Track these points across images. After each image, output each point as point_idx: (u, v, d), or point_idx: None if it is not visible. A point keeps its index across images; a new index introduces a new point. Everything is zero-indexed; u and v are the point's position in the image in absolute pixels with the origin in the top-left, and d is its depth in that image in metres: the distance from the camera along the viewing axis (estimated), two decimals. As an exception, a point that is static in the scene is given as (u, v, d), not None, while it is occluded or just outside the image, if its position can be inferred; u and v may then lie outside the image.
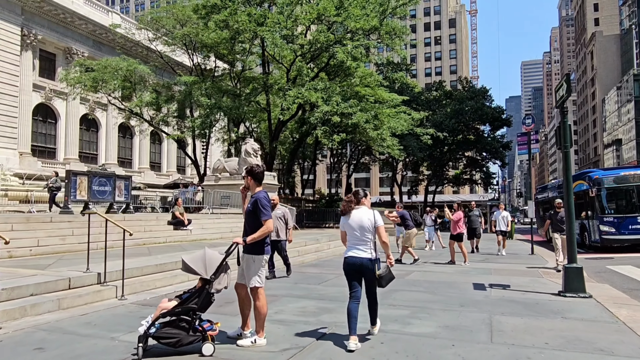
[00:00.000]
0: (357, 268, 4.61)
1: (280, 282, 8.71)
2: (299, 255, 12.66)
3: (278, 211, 9.04)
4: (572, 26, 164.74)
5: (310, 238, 15.44)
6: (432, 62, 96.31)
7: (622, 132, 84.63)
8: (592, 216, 16.38)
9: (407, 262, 12.42)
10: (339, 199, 26.66)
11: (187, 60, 31.93)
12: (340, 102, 21.65)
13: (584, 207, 17.53)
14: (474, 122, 45.28)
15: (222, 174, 21.34)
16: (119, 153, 43.58)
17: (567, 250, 7.51)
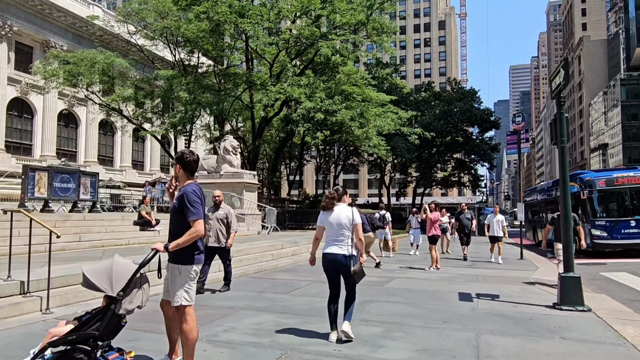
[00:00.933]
0: (335, 264, 4.72)
1: (245, 290, 7.78)
2: (273, 259, 11.74)
3: (220, 211, 7.74)
4: (559, 31, 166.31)
5: (288, 240, 14.53)
6: (421, 63, 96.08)
7: (608, 137, 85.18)
8: (584, 220, 15.66)
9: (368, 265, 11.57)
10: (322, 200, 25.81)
11: (169, 55, 30.86)
12: (324, 99, 20.77)
13: (574, 210, 16.79)
14: (462, 123, 44.78)
15: (199, 172, 20.29)
16: (100, 150, 42.28)
17: (564, 257, 6.71)
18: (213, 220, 7.57)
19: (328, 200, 4.90)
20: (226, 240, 7.68)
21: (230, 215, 7.80)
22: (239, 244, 12.92)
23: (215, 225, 7.58)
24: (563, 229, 6.71)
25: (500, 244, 13.50)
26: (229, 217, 7.76)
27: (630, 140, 76.24)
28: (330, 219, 4.78)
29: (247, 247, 11.86)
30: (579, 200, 15.84)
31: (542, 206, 21.63)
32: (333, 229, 4.76)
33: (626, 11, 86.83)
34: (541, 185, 23.69)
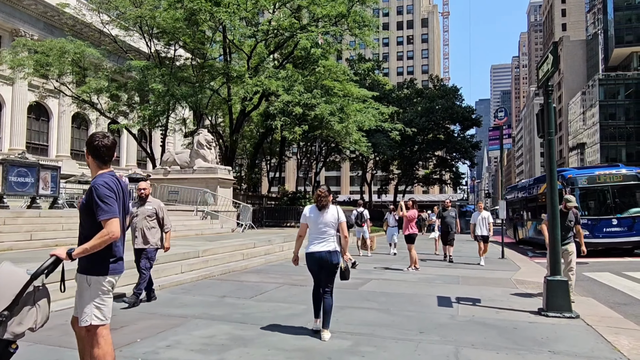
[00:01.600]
0: (319, 262, 4.79)
1: (205, 295, 7.07)
2: (243, 259, 11.04)
3: (147, 206, 6.49)
4: (540, 31, 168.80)
5: (262, 239, 13.83)
6: (404, 61, 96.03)
7: (586, 136, 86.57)
8: None
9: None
10: (302, 197, 25.13)
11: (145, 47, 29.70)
12: (303, 92, 20.06)
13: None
14: (444, 121, 44.67)
15: (172, 167, 19.44)
16: (73, 145, 40.80)
17: (550, 260, 6.20)
18: (138, 217, 6.43)
19: (323, 198, 4.90)
20: (160, 241, 6.53)
21: (160, 211, 6.56)
22: (209, 242, 12.19)
23: (141, 223, 6.39)
24: (550, 228, 6.20)
25: (486, 244, 12.38)
26: (158, 212, 6.53)
27: (608, 140, 77.55)
28: (319, 217, 4.85)
29: (216, 246, 11.14)
30: (561, 198, 15.54)
31: (523, 204, 21.39)
32: (318, 227, 4.82)
33: (604, 12, 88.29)
34: (522, 182, 23.45)
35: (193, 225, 16.01)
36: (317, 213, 4.90)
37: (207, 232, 16.15)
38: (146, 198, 6.57)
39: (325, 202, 4.92)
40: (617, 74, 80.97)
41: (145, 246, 6.35)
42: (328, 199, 4.94)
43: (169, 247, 6.69)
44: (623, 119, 78.35)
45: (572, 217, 7.38)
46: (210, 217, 17.93)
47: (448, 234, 12.83)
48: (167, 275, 8.18)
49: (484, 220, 12.37)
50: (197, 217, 17.61)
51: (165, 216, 6.62)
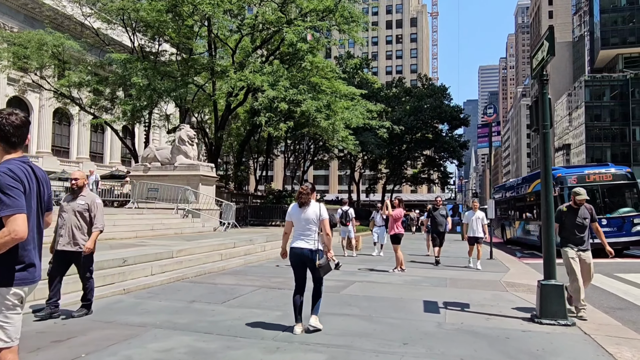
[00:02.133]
0: (301, 258, 4.87)
1: (173, 300, 6.52)
2: (221, 259, 10.49)
3: (79, 201, 5.51)
4: (527, 33, 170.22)
5: (243, 238, 13.28)
6: (393, 60, 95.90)
7: (571, 137, 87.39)
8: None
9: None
10: (287, 195, 24.58)
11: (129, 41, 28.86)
12: (288, 88, 19.51)
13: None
14: (432, 120, 44.47)
15: (152, 164, 18.75)
16: (54, 141, 39.77)
17: (545, 263, 5.77)
18: (68, 213, 5.47)
19: (305, 195, 4.96)
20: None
21: (94, 207, 5.56)
22: (187, 242, 11.62)
23: (71, 221, 5.40)
24: (544, 227, 5.77)
25: (480, 246, 11.36)
26: (91, 209, 5.53)
27: (593, 141, 78.28)
28: (300, 214, 4.93)
29: (193, 246, 10.56)
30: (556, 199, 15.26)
31: (511, 204, 21.13)
32: (301, 224, 4.91)
33: (591, 14, 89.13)
34: (510, 182, 23.20)
35: (172, 224, 15.39)
36: (299, 210, 4.97)
37: (187, 231, 15.54)
38: (79, 191, 5.58)
39: (306, 200, 4.96)
40: (603, 75, 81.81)
41: (73, 248, 5.36)
42: (309, 197, 4.98)
43: (91, 249, 5.46)
44: (608, 120, 79.15)
45: (586, 213, 6.20)
46: (192, 216, 17.31)
47: (439, 234, 11.90)
48: (135, 277, 7.60)
49: (478, 220, 11.38)
50: (177, 215, 16.98)
51: (98, 214, 5.58)
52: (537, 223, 17.17)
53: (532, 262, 13.75)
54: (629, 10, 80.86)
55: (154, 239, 12.54)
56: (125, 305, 6.04)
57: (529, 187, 18.25)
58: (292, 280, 5.09)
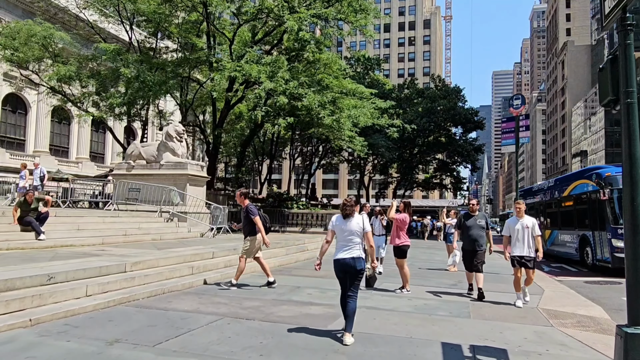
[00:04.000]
0: (344, 268, 4.98)
1: (86, 338, 4.67)
2: (191, 273, 8.65)
3: None
4: (543, 37, 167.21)
5: (228, 247, 11.43)
6: (405, 63, 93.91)
7: (590, 142, 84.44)
8: (601, 227, 12.71)
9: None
10: (288, 198, 22.75)
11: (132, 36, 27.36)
12: (288, 80, 17.70)
13: (587, 215, 13.99)
14: (445, 122, 42.39)
15: (137, 162, 17.06)
16: (53, 140, 38.52)
17: (630, 300, 3.80)
18: None
19: (348, 207, 5.12)
20: None
21: None
22: (158, 250, 9.81)
23: None
24: (629, 245, 3.81)
25: (532, 273, 7.54)
26: None
27: (613, 147, 75.28)
28: (344, 225, 5.08)
29: (159, 256, 8.74)
30: (596, 203, 13.10)
31: (540, 209, 18.84)
32: (344, 235, 5.06)
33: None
34: (539, 185, 20.89)
35: (152, 229, 13.63)
36: (343, 221, 5.10)
37: (169, 236, 13.77)
38: None
39: (350, 211, 5.10)
40: (624, 79, 78.87)
41: None
42: (353, 208, 5.13)
43: None
44: (629, 126, 76.23)
45: None
46: (178, 220, 15.57)
47: (474, 255, 8.06)
48: (59, 301, 5.77)
49: (526, 231, 7.41)
50: (161, 219, 15.25)
51: None
52: (575, 233, 15.01)
53: (567, 280, 11.70)
54: (652, 11, 77.95)
55: (123, 246, 10.76)
56: (6, 351, 4.20)
57: (566, 190, 15.98)
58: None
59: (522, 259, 7.45)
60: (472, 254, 8.13)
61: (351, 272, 4.92)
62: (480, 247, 8.11)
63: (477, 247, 8.11)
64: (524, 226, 7.49)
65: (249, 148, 39.51)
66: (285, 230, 20.57)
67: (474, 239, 8.12)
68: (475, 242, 8.10)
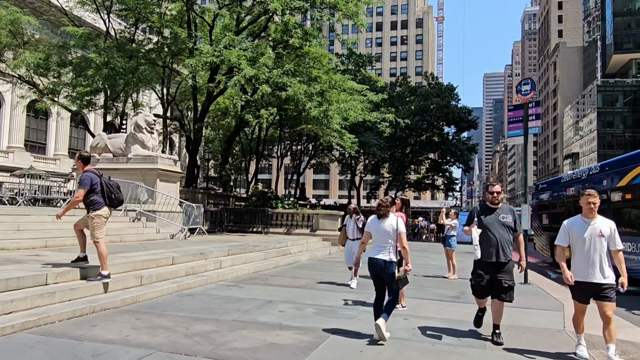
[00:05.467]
0: (377, 269, 5.01)
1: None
2: (140, 284, 7.07)
3: None
4: (534, 40, 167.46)
5: (194, 251, 9.86)
6: (397, 62, 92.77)
7: (582, 143, 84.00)
8: None
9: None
10: (273, 197, 21.22)
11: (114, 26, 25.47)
12: (272, 68, 16.17)
13: None
14: (438, 121, 41.19)
15: (102, 155, 15.40)
16: (29, 135, 36.62)
17: None
18: None
19: (383, 208, 5.10)
20: None
21: None
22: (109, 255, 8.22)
23: None
24: None
25: (611, 308, 4.51)
26: None
27: (605, 148, 74.78)
28: (379, 226, 5.07)
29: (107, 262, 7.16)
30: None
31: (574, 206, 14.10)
32: (379, 235, 5.06)
33: (603, 19, 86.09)
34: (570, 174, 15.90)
35: (112, 230, 11.99)
36: (377, 222, 5.11)
37: (131, 238, 12.15)
38: None
39: (385, 212, 5.09)
40: (616, 80, 78.57)
41: None
42: (388, 209, 5.12)
43: None
44: (621, 127, 75.74)
45: None
46: (146, 219, 13.95)
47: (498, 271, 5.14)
48: None
49: (600, 243, 4.64)
50: (126, 218, 13.62)
51: None
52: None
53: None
54: (643, 14, 77.88)
55: (67, 250, 9.14)
56: None
57: (623, 178, 11.61)
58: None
59: (596, 288, 4.51)
60: (494, 269, 5.11)
61: (384, 275, 4.93)
62: (507, 258, 5.11)
63: (503, 258, 5.08)
64: (598, 233, 4.60)
65: (236, 146, 37.88)
66: (269, 232, 19.01)
67: (497, 245, 5.10)
68: (499, 249, 5.09)
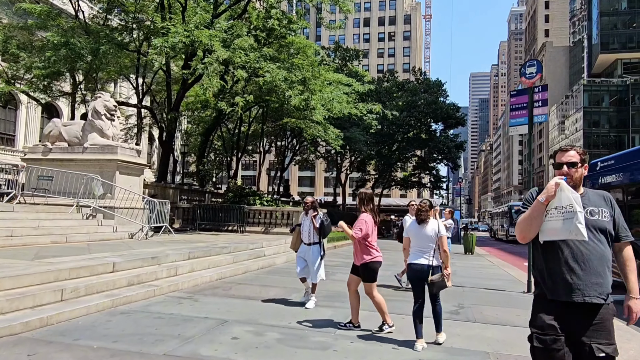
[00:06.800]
0: (419, 274, 4.88)
1: None
2: (60, 300, 5.57)
3: None
4: (520, 40, 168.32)
5: (148, 254, 8.39)
6: (385, 58, 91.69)
7: (567, 143, 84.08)
8: None
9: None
10: (251, 193, 19.75)
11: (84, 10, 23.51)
12: (248, 51, 14.68)
13: None
14: (426, 117, 40.17)
15: (56, 144, 13.76)
16: (-4, 126, 34.47)
17: None
18: None
19: (424, 213, 5.00)
20: None
21: None
22: (19, 261, 6.70)
23: None
24: None
25: None
26: None
27: (591, 147, 74.79)
28: (420, 231, 4.98)
29: (14, 272, 5.65)
30: None
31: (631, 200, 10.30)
32: (419, 240, 4.96)
33: (589, 19, 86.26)
34: (626, 153, 11.41)
35: (58, 228, 10.43)
36: (417, 227, 5.01)
37: (80, 238, 10.58)
38: None
39: (425, 217, 4.99)
40: (602, 80, 78.71)
41: None
42: (428, 213, 5.02)
43: None
44: (607, 127, 75.85)
45: None
46: (104, 217, 12.40)
47: (585, 320, 2.44)
48: None
49: None
50: (79, 215, 12.05)
51: None
52: None
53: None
54: (629, 14, 78.07)
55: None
56: None
57: None
58: None
59: None
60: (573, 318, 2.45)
61: (426, 280, 4.84)
62: (602, 295, 2.45)
63: (592, 294, 2.43)
64: None
65: (218, 142, 36.23)
66: (245, 231, 17.54)
67: (579, 268, 2.48)
68: (583, 277, 2.46)
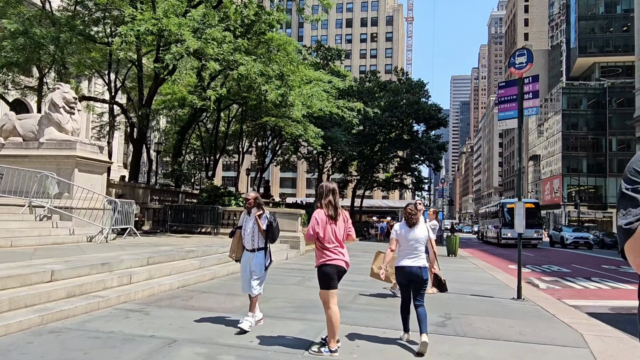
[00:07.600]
0: (409, 277, 4.93)
1: None
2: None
3: None
4: (500, 43, 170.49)
5: (100, 259, 7.45)
6: (367, 59, 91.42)
7: (543, 147, 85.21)
8: None
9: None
10: (226, 193, 18.83)
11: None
12: (221, 42, 13.79)
13: None
14: (408, 118, 39.77)
15: (9, 139, 12.63)
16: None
17: None
18: None
19: (414, 216, 5.07)
20: None
21: None
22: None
23: None
24: None
25: None
26: None
27: (569, 150, 75.86)
28: (410, 234, 5.03)
29: None
30: None
31: None
32: (409, 243, 4.99)
33: (567, 22, 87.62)
34: None
35: (2, 231, 9.37)
36: (408, 230, 5.06)
37: (29, 242, 9.54)
38: None
39: (416, 220, 5.07)
40: (580, 83, 79.90)
41: None
42: (418, 217, 5.10)
43: None
44: (585, 129, 76.91)
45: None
46: (60, 218, 11.35)
47: None
48: None
49: None
50: (31, 216, 10.97)
51: None
52: None
53: (591, 306, 8.43)
54: (606, 18, 79.56)
55: None
56: None
57: None
58: None
59: None
60: None
61: (417, 281, 4.90)
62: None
63: None
64: None
65: (197, 142, 35.14)
66: (219, 232, 16.61)
67: None
68: None
